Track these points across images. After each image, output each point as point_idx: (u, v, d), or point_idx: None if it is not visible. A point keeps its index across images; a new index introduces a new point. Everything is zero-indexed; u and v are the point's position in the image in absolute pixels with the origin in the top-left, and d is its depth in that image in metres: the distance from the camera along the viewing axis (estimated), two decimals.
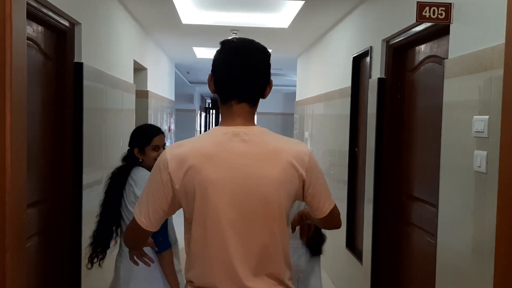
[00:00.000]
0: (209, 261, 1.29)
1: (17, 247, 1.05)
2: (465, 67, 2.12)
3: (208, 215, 1.28)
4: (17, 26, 1.09)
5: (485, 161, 1.93)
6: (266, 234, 1.30)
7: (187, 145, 1.32)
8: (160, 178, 1.29)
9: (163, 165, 1.30)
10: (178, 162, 1.28)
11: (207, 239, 1.29)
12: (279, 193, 1.29)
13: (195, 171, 1.27)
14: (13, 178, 0.99)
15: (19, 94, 1.06)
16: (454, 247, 2.17)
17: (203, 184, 1.26)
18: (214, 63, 1.37)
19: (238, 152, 1.28)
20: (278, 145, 1.33)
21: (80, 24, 2.84)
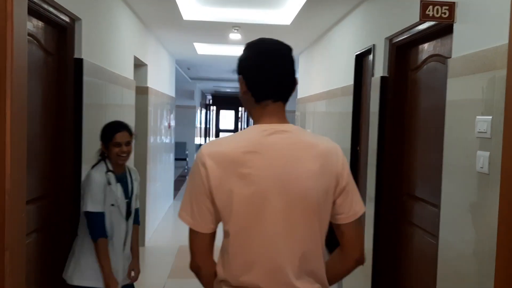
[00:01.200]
0: (250, 258, 1.29)
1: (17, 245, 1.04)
2: (469, 67, 2.11)
3: (250, 212, 1.28)
4: (18, 23, 1.08)
5: (487, 162, 1.92)
6: (307, 230, 1.31)
7: (226, 142, 1.34)
8: (200, 176, 1.29)
9: (200, 162, 1.30)
10: (217, 159, 1.28)
11: (249, 236, 1.28)
12: (317, 188, 1.31)
13: (236, 168, 1.27)
14: (12, 176, 0.98)
15: (20, 91, 1.05)
16: (456, 248, 2.17)
17: (245, 180, 1.27)
18: (245, 65, 1.39)
19: (279, 148, 1.31)
20: (314, 141, 1.37)
21: (81, 20, 2.82)
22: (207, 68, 10.11)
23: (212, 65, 9.52)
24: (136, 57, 4.61)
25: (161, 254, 5.12)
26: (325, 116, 5.06)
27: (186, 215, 1.32)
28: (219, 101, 20.93)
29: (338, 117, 4.49)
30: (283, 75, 1.37)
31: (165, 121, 6.70)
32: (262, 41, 1.41)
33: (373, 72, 3.42)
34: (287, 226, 1.29)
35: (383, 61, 3.23)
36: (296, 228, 1.30)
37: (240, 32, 5.37)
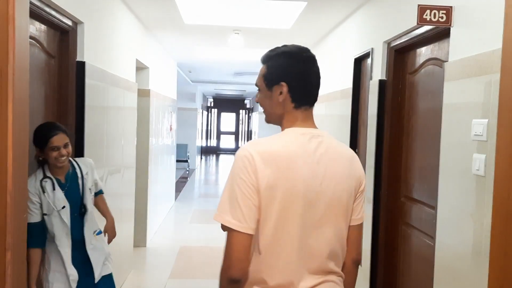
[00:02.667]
0: (286, 257, 1.32)
1: (18, 246, 1.06)
2: (465, 71, 2.13)
3: (291, 212, 1.31)
4: (20, 26, 1.11)
5: (483, 164, 1.94)
6: (337, 230, 1.38)
7: (269, 142, 1.36)
8: (248, 172, 1.28)
9: (247, 160, 1.29)
10: (264, 157, 1.30)
11: (287, 236, 1.32)
12: (347, 190, 1.39)
13: (283, 167, 1.30)
14: (14, 178, 1.00)
15: (22, 93, 1.08)
16: (452, 249, 2.18)
17: (290, 180, 1.30)
18: (289, 73, 1.41)
19: (319, 151, 1.37)
20: (340, 147, 1.44)
21: (83, 23, 2.85)
22: (208, 70, 10.13)
23: (213, 68, 9.55)
24: (138, 60, 4.64)
25: (162, 255, 5.14)
26: (324, 118, 5.08)
27: (231, 219, 1.27)
28: (220, 103, 20.95)
29: (337, 120, 4.51)
30: (318, 82, 1.47)
31: (166, 123, 6.72)
32: (305, 50, 1.45)
33: (371, 76, 3.45)
34: (323, 226, 1.35)
35: (381, 64, 3.25)
36: (329, 227, 1.36)
37: (241, 35, 5.40)
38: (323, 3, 3.90)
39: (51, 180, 2.34)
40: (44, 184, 2.31)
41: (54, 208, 2.32)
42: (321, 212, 1.34)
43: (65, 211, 2.35)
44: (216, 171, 14.82)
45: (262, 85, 1.44)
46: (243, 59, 7.62)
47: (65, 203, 2.35)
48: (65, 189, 2.38)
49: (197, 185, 11.15)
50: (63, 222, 2.34)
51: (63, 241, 2.36)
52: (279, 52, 1.43)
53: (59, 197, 2.34)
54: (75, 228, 2.41)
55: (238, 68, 9.27)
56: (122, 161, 3.98)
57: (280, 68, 1.42)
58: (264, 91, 1.44)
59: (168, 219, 6.90)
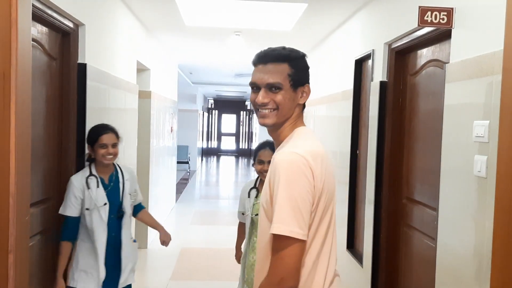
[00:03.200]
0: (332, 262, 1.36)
1: (20, 248, 1.07)
2: (466, 72, 2.13)
3: (332, 212, 1.36)
4: (23, 29, 1.11)
5: (485, 166, 1.94)
6: None
7: (310, 145, 1.33)
8: (306, 179, 1.23)
9: (303, 163, 1.24)
10: (315, 158, 1.28)
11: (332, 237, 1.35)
12: None
13: (326, 169, 1.32)
14: (17, 181, 1.00)
15: (24, 97, 1.08)
16: (454, 251, 2.18)
17: (330, 181, 1.34)
18: (308, 75, 1.45)
19: None
20: None
21: (84, 25, 2.86)
22: (209, 72, 10.14)
23: (214, 70, 9.56)
24: (139, 61, 4.65)
25: (163, 256, 5.13)
26: (325, 119, 5.08)
27: (293, 228, 1.20)
28: (221, 105, 20.96)
29: (338, 121, 4.51)
30: None
31: (167, 124, 6.73)
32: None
33: (372, 77, 3.45)
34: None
35: (382, 66, 3.25)
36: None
37: (242, 37, 5.40)
38: (324, 4, 3.90)
39: (96, 178, 2.49)
40: (89, 181, 2.46)
41: (96, 204, 2.45)
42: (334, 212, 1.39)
43: (105, 208, 2.48)
44: (217, 172, 14.82)
45: (286, 85, 1.36)
46: (244, 61, 7.62)
47: (106, 201, 2.48)
48: (107, 189, 2.52)
49: (198, 186, 11.15)
50: (101, 219, 2.46)
51: (100, 237, 2.46)
52: (299, 55, 1.42)
53: (101, 194, 2.47)
54: (112, 230, 2.52)
55: (238, 70, 9.28)
56: (123, 162, 3.97)
57: (306, 70, 1.43)
58: (289, 91, 1.37)
59: (169, 221, 6.89)
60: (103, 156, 2.49)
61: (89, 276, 2.46)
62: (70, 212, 2.45)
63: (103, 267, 2.46)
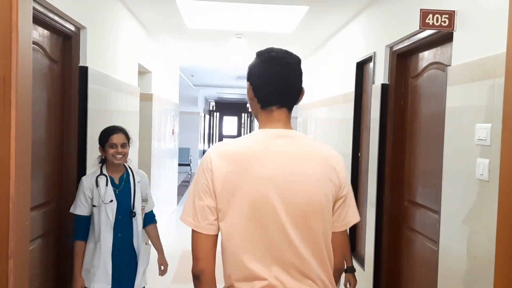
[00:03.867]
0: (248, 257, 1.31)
1: (20, 253, 1.06)
2: (468, 75, 2.12)
3: (252, 212, 1.31)
4: (23, 33, 1.11)
5: (487, 169, 1.93)
6: (309, 232, 1.33)
7: (232, 143, 1.39)
8: (204, 175, 1.33)
9: (205, 163, 1.34)
10: (222, 159, 1.33)
11: (251, 237, 1.31)
12: (320, 191, 1.34)
13: (242, 167, 1.31)
14: (17, 186, 1.00)
15: (25, 101, 1.08)
16: (456, 254, 2.17)
17: (250, 180, 1.30)
18: (252, 72, 1.45)
19: (282, 151, 1.35)
20: (317, 147, 1.42)
21: (86, 28, 2.86)
22: (211, 75, 10.15)
23: (215, 72, 9.56)
24: (140, 64, 4.65)
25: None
26: (326, 122, 5.07)
27: (187, 217, 1.34)
28: (223, 107, 20.98)
29: (339, 123, 4.50)
30: (288, 83, 1.41)
31: (169, 127, 6.73)
32: (271, 50, 1.44)
33: (374, 80, 3.44)
34: (289, 227, 1.31)
35: (383, 68, 3.25)
36: (295, 230, 1.31)
37: (243, 39, 5.40)
38: (325, 7, 3.90)
39: (106, 177, 2.54)
40: (99, 179, 2.52)
41: (103, 201, 2.48)
42: (287, 213, 1.30)
43: (112, 206, 2.51)
44: None
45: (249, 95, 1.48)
46: (245, 63, 7.61)
47: (113, 199, 2.51)
48: (117, 189, 2.56)
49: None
50: (108, 218, 2.49)
51: (106, 236, 2.49)
52: (256, 53, 1.46)
53: (109, 193, 2.52)
54: (119, 230, 2.53)
55: (240, 72, 9.28)
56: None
57: (249, 68, 1.46)
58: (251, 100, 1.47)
59: (170, 223, 6.89)
60: (113, 156, 2.53)
61: (91, 275, 2.49)
62: (80, 211, 2.49)
63: (110, 266, 2.48)
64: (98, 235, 2.48)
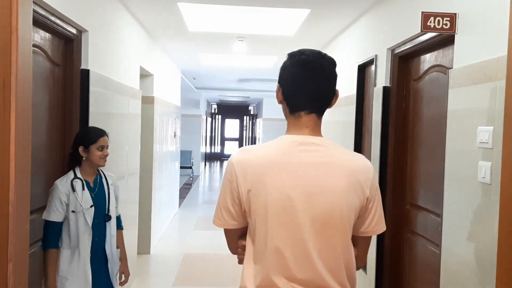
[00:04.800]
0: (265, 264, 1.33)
1: (20, 256, 1.06)
2: (470, 78, 2.12)
3: (273, 220, 1.30)
4: (23, 37, 1.11)
5: (489, 172, 1.92)
6: (328, 244, 1.31)
7: (253, 151, 1.38)
8: (229, 181, 1.35)
9: (230, 169, 1.36)
10: (244, 167, 1.33)
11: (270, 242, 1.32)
12: (342, 204, 1.30)
13: (261, 177, 1.30)
14: (17, 189, 1.00)
15: (25, 105, 1.08)
16: (459, 257, 2.16)
17: (269, 189, 1.29)
18: (282, 75, 1.40)
19: (305, 160, 1.32)
20: (345, 158, 1.36)
21: (87, 31, 2.87)
22: (212, 77, 10.16)
23: (217, 75, 9.58)
24: (142, 67, 4.66)
25: (166, 262, 5.13)
26: (328, 124, 5.06)
27: (216, 219, 1.41)
28: (224, 110, 20.99)
29: (341, 126, 4.50)
30: (319, 88, 1.37)
31: (170, 129, 6.73)
32: (301, 52, 1.39)
33: (375, 82, 3.44)
34: (308, 238, 1.29)
35: (385, 71, 3.25)
36: (316, 241, 1.30)
37: (245, 42, 5.41)
38: (327, 10, 3.90)
39: (81, 180, 2.46)
40: (74, 183, 2.43)
41: (82, 206, 2.41)
42: (306, 223, 1.29)
43: (91, 211, 2.44)
44: (220, 177, 14.81)
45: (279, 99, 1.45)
46: (247, 66, 7.64)
47: (92, 204, 2.46)
48: (93, 192, 2.50)
49: (201, 191, 11.14)
50: (86, 223, 2.43)
51: (85, 242, 2.42)
52: (287, 55, 1.42)
53: (87, 197, 2.45)
54: (96, 234, 2.47)
55: (242, 75, 9.29)
56: (126, 167, 3.98)
57: (280, 69, 1.41)
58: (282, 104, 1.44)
59: (172, 226, 6.89)
60: (101, 158, 2.48)
61: (70, 282, 2.39)
62: (55, 217, 2.37)
63: (89, 272, 2.42)
64: (75, 241, 2.39)
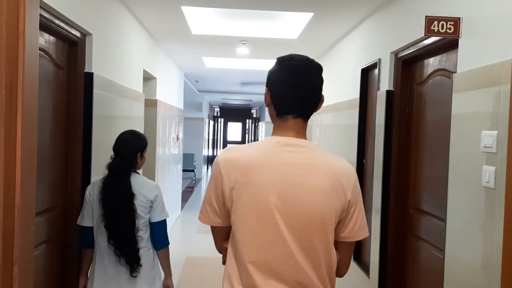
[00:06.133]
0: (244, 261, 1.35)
1: (25, 259, 1.06)
2: (474, 82, 2.11)
3: (255, 217, 1.33)
4: (30, 41, 1.11)
5: (493, 176, 1.91)
6: (307, 243, 1.33)
7: (238, 150, 1.41)
8: (214, 179, 1.40)
9: (215, 167, 1.40)
10: (228, 165, 1.36)
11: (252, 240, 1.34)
12: (324, 205, 1.32)
13: (244, 175, 1.33)
14: (22, 193, 1.00)
15: (31, 109, 1.08)
16: (463, 262, 2.15)
17: (252, 187, 1.32)
18: (271, 79, 1.43)
19: (288, 161, 1.35)
20: (328, 160, 1.38)
21: (91, 34, 2.88)
22: (215, 81, 10.18)
23: (220, 78, 9.59)
24: (145, 70, 4.67)
25: None
26: (331, 128, 5.07)
27: (201, 215, 1.47)
28: (227, 113, 21.00)
29: (344, 130, 4.50)
30: (306, 93, 1.39)
31: (173, 132, 6.74)
32: (291, 57, 1.41)
33: (379, 86, 3.44)
34: (288, 236, 1.31)
35: (388, 75, 3.24)
36: (297, 240, 1.31)
37: (248, 46, 5.42)
38: (330, 13, 3.91)
39: None
40: None
41: None
42: (287, 222, 1.31)
43: None
44: None
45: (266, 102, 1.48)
46: (250, 69, 7.64)
47: None
48: None
49: (203, 194, 11.12)
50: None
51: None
52: (276, 59, 1.46)
53: None
54: None
55: (244, 78, 9.30)
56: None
57: (268, 73, 1.44)
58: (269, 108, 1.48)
59: (174, 229, 6.88)
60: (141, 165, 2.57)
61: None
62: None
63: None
64: None
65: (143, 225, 2.41)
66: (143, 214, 2.40)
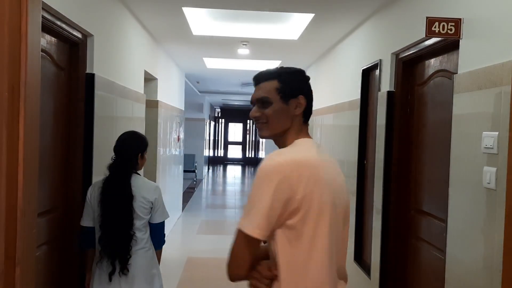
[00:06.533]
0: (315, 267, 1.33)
1: (27, 260, 1.07)
2: (475, 83, 2.12)
3: (319, 219, 1.32)
4: (32, 43, 1.12)
5: (494, 177, 1.91)
6: (345, 239, 1.47)
7: (295, 152, 1.39)
8: (277, 185, 1.28)
9: (278, 172, 1.30)
10: (296, 168, 1.31)
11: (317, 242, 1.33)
12: (347, 200, 1.48)
13: (315, 176, 1.33)
14: (24, 194, 1.01)
15: (33, 110, 1.09)
16: (463, 263, 2.16)
17: (319, 186, 1.33)
18: (306, 89, 1.51)
19: (328, 161, 1.45)
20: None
21: (93, 35, 2.88)
22: (216, 81, 10.18)
23: (221, 79, 9.60)
24: (146, 71, 4.68)
25: (169, 266, 5.11)
26: (332, 129, 5.07)
27: (253, 227, 1.30)
28: (228, 114, 21.00)
29: (345, 131, 4.50)
30: None
31: (174, 133, 6.75)
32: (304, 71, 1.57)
33: (379, 87, 3.44)
34: (340, 237, 1.42)
35: (389, 76, 3.25)
36: (342, 239, 1.44)
37: (249, 46, 5.42)
38: (331, 14, 3.91)
39: None
40: None
41: None
42: (340, 222, 1.41)
43: None
44: (224, 181, 14.82)
45: (275, 98, 1.45)
46: (251, 70, 7.65)
47: None
48: None
49: (205, 195, 11.15)
50: None
51: None
52: (290, 70, 1.51)
53: None
54: None
55: (245, 79, 9.31)
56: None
57: (298, 83, 1.49)
58: (278, 104, 1.45)
59: (175, 230, 6.89)
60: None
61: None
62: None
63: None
64: None
65: (143, 226, 2.42)
66: (143, 215, 2.41)
